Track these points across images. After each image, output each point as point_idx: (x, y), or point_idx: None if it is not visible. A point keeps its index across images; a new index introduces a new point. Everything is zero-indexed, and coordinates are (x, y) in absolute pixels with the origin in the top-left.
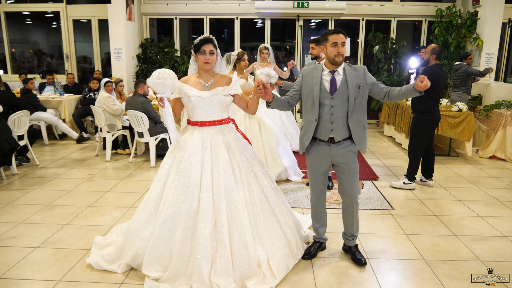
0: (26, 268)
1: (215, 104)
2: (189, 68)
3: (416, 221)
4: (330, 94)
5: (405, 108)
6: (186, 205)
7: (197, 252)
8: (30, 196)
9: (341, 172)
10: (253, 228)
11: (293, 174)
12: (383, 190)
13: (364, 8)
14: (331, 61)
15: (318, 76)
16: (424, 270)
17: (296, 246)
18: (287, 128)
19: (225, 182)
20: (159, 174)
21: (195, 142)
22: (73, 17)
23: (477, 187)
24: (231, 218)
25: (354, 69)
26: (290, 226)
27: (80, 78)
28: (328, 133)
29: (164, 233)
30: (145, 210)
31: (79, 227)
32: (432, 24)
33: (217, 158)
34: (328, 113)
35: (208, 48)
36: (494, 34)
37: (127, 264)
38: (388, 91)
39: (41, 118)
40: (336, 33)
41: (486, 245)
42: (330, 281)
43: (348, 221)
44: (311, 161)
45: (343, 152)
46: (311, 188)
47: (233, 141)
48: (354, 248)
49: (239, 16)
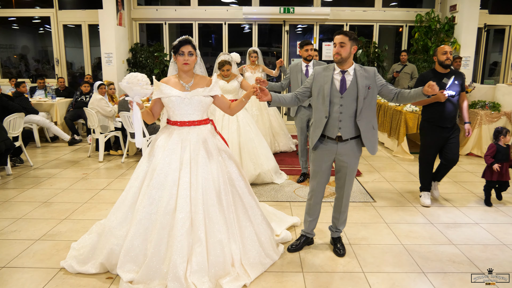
0: (29, 258)
1: (195, 104)
2: (169, 69)
3: (396, 211)
4: (340, 93)
5: (387, 109)
6: (163, 203)
7: (173, 250)
8: (26, 194)
9: (342, 170)
10: (228, 227)
11: (277, 177)
12: (366, 185)
13: (348, 13)
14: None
15: (329, 75)
16: (402, 253)
17: (271, 246)
18: (275, 129)
19: (202, 181)
20: (137, 172)
21: (174, 141)
22: (63, 22)
23: (453, 181)
24: (207, 217)
25: (364, 70)
26: (263, 227)
27: (70, 83)
28: (336, 130)
29: (141, 231)
30: (122, 208)
31: (77, 221)
32: (413, 29)
33: (195, 157)
34: (337, 111)
35: (187, 49)
36: (470, 38)
37: (101, 263)
38: (397, 93)
39: (33, 121)
40: (337, 34)
41: (459, 231)
42: (316, 263)
43: (336, 213)
44: (316, 157)
45: (348, 152)
46: (311, 183)
47: (212, 142)
48: (337, 240)
49: (227, 21)
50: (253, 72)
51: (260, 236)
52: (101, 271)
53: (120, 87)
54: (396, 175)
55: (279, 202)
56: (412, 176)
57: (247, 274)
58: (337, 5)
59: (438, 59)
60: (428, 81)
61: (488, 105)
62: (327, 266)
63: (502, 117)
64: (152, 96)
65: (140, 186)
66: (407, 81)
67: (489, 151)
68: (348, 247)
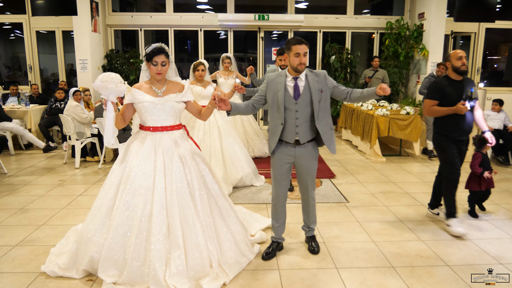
0: (8, 263)
1: (167, 110)
2: (141, 75)
3: (368, 211)
4: (294, 99)
5: (359, 113)
6: (139, 209)
7: (152, 254)
8: (2, 202)
9: (302, 173)
10: (205, 230)
11: (256, 180)
12: (339, 186)
13: (321, 20)
14: (294, 70)
15: (282, 82)
16: (373, 250)
17: (246, 246)
18: (249, 135)
19: (177, 186)
20: (111, 179)
21: (147, 147)
22: (36, 29)
23: (423, 181)
24: (184, 220)
25: (315, 75)
26: (238, 228)
27: (43, 89)
28: (294, 135)
29: (118, 237)
30: (98, 216)
31: (55, 226)
32: (384, 36)
33: (169, 162)
34: (293, 117)
35: (160, 59)
36: (438, 44)
37: (84, 270)
38: (349, 92)
39: (7, 128)
40: (299, 44)
41: (426, 228)
42: (291, 261)
43: (305, 214)
44: (275, 160)
45: (306, 154)
46: (273, 187)
47: (185, 146)
48: (311, 238)
49: (203, 28)
50: (226, 78)
51: (235, 236)
52: (85, 275)
53: (94, 88)
54: (369, 177)
55: (256, 204)
56: (384, 177)
57: (226, 274)
58: (310, 13)
59: (453, 65)
60: (443, 90)
61: None
62: (302, 263)
63: None
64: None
65: (116, 192)
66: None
67: (476, 161)
68: (322, 245)
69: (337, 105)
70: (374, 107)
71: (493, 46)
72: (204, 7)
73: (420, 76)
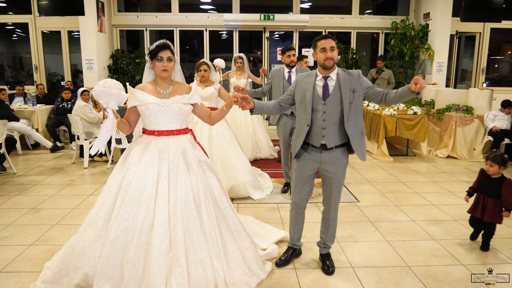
0: (24, 262)
1: (174, 113)
2: (144, 75)
3: (379, 210)
4: (322, 99)
5: (366, 113)
6: (139, 219)
7: (151, 271)
8: (13, 201)
9: (327, 182)
10: (210, 245)
11: (255, 191)
12: (349, 186)
13: (326, 21)
14: (322, 66)
15: (311, 82)
16: (387, 249)
17: (257, 264)
18: (257, 135)
19: (182, 196)
20: (109, 186)
21: (151, 152)
22: (42, 29)
23: (431, 181)
24: (187, 234)
25: (348, 74)
26: (247, 243)
27: (48, 89)
28: (320, 139)
29: (116, 251)
30: (93, 226)
31: (69, 226)
32: (388, 36)
33: (174, 170)
34: (320, 118)
35: (166, 54)
36: (443, 44)
37: (77, 285)
38: (385, 94)
39: (15, 128)
40: (324, 39)
41: (439, 227)
42: (306, 259)
43: (324, 228)
44: (299, 165)
45: (333, 161)
46: (293, 192)
47: (192, 153)
48: (325, 256)
49: (208, 28)
50: (238, 78)
51: (244, 253)
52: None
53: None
54: (377, 177)
55: (267, 204)
56: (392, 177)
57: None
58: (315, 13)
59: None
60: None
61: (462, 108)
62: (314, 262)
63: (475, 120)
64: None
65: (114, 201)
66: (384, 86)
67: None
68: (336, 245)
69: None
70: (380, 107)
71: (495, 46)
72: (209, 7)
73: (425, 76)
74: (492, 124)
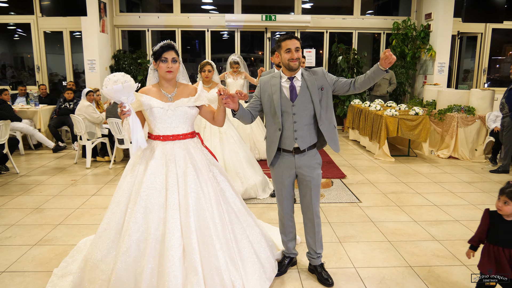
0: (28, 262)
1: (179, 116)
2: (148, 78)
3: (381, 211)
4: (291, 101)
5: (368, 113)
6: (151, 229)
7: (166, 282)
8: (16, 201)
9: (304, 185)
10: (225, 251)
11: (263, 192)
12: (350, 187)
13: (328, 21)
14: (287, 67)
15: (277, 84)
16: (389, 249)
17: (270, 267)
18: (256, 136)
19: (193, 202)
20: (118, 196)
21: (157, 158)
22: (44, 29)
23: (433, 181)
24: (202, 241)
25: (312, 73)
26: (262, 246)
27: (50, 89)
28: (293, 142)
29: (128, 263)
30: (105, 238)
31: (72, 226)
32: (390, 36)
33: (183, 175)
34: (291, 121)
35: (170, 55)
36: (445, 45)
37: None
38: (353, 81)
39: (17, 128)
40: (289, 39)
41: (441, 228)
42: (307, 262)
43: (310, 237)
44: (276, 173)
45: (308, 163)
46: (277, 201)
47: (200, 157)
48: (319, 267)
49: (210, 29)
50: (235, 79)
51: (260, 256)
52: None
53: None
54: (379, 177)
55: (268, 205)
56: (394, 177)
57: None
58: (317, 13)
59: None
60: None
61: (464, 109)
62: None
63: (477, 121)
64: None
65: (124, 211)
66: (386, 86)
67: (480, 223)
68: (338, 245)
69: (343, 105)
70: (382, 108)
71: (497, 46)
72: (210, 7)
73: (427, 76)
74: (494, 125)
